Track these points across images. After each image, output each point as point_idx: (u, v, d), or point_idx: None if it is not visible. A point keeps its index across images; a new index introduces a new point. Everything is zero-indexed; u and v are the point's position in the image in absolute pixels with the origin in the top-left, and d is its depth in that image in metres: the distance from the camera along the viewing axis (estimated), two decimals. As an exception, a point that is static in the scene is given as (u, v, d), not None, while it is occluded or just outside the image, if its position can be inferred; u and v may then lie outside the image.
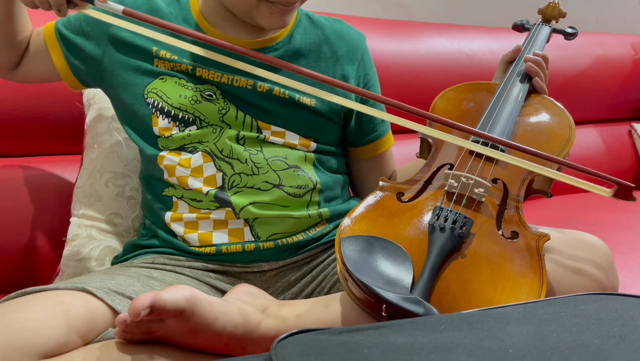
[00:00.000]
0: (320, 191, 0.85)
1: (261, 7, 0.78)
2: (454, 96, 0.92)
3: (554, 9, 1.12)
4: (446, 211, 0.69)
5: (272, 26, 0.82)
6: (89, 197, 0.98)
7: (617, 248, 0.89)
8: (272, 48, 0.86)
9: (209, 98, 0.82)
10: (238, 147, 0.82)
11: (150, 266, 0.80)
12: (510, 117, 0.83)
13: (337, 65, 0.90)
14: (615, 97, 1.84)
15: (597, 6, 2.10)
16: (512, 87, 0.90)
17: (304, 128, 0.86)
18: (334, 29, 0.92)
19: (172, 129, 0.82)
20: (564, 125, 0.85)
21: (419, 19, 1.73)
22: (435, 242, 0.65)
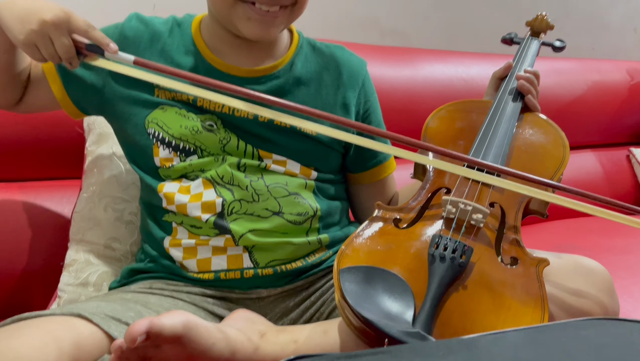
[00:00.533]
0: (320, 218, 0.85)
1: (238, 10, 0.78)
2: (446, 115, 0.91)
3: (542, 22, 1.11)
4: (445, 239, 0.67)
5: (252, 33, 0.80)
6: (87, 222, 0.98)
7: (617, 272, 0.88)
8: (273, 76, 0.86)
9: (209, 129, 0.82)
10: (239, 173, 0.81)
11: (148, 291, 0.79)
12: (505, 138, 0.83)
13: (339, 91, 0.90)
14: (612, 122, 1.86)
15: (593, 33, 2.13)
16: (505, 106, 0.89)
17: (305, 157, 0.86)
18: (335, 55, 0.92)
19: (173, 159, 0.82)
20: (558, 144, 0.85)
21: (416, 46, 1.75)
22: (436, 272, 0.64)
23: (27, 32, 0.70)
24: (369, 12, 1.66)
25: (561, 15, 2.03)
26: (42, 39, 0.71)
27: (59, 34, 0.70)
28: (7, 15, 0.72)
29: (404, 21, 1.73)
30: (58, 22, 0.70)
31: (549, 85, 1.70)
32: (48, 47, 0.71)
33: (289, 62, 0.88)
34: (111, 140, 1.02)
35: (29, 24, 0.70)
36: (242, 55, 0.85)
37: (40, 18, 0.69)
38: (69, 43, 0.72)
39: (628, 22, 2.20)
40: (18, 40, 0.71)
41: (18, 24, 0.71)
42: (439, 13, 1.78)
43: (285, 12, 0.80)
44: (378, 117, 0.96)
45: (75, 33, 0.72)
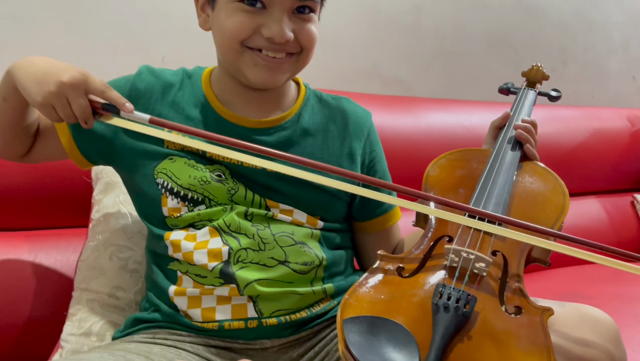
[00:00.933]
0: (326, 267, 0.85)
1: (245, 57, 0.80)
2: (446, 164, 0.92)
3: (538, 72, 1.14)
4: (449, 289, 0.67)
5: (258, 80, 0.82)
6: (92, 270, 0.98)
7: (624, 321, 0.87)
8: (281, 127, 0.88)
9: (218, 179, 0.83)
10: (246, 222, 0.82)
11: (151, 341, 0.79)
12: (505, 187, 0.84)
13: (345, 142, 0.92)
14: (615, 169, 1.87)
15: (592, 81, 2.17)
16: (504, 155, 0.91)
17: (312, 207, 0.86)
18: (341, 106, 0.95)
19: (181, 209, 0.83)
20: (557, 192, 0.85)
21: (418, 95, 1.78)
22: (440, 322, 0.63)
23: (45, 94, 0.71)
24: (371, 63, 1.71)
25: (559, 63, 2.08)
26: (60, 101, 0.72)
27: (76, 95, 0.72)
28: (23, 76, 0.74)
29: (405, 71, 1.77)
30: (75, 83, 0.71)
31: (551, 133, 1.72)
32: (65, 108, 0.72)
33: (296, 114, 0.90)
34: (118, 189, 1.03)
35: (47, 85, 0.71)
36: (251, 106, 0.87)
37: (58, 80, 0.71)
38: (86, 103, 0.73)
39: (627, 70, 2.24)
40: (35, 101, 0.72)
41: (35, 86, 0.72)
42: (440, 63, 1.83)
43: (292, 60, 0.83)
44: (383, 166, 0.98)
45: (91, 94, 0.74)
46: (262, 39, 0.79)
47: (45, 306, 1.02)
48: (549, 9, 2.00)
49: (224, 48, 0.82)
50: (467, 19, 1.85)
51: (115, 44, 1.35)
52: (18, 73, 0.75)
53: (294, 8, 0.79)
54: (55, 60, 0.76)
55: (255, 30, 0.78)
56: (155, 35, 1.38)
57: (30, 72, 0.73)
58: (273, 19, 0.78)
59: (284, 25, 0.78)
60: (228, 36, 0.79)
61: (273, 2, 0.77)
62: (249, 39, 0.79)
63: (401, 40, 1.75)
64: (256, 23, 0.78)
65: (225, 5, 0.79)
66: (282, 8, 0.78)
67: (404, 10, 1.73)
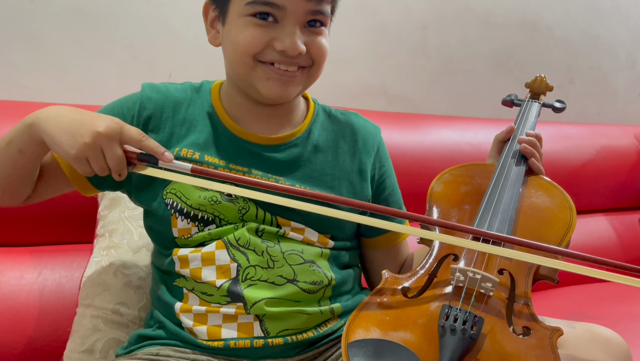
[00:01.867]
0: (334, 287, 0.84)
1: (258, 71, 0.80)
2: (451, 179, 0.91)
3: (542, 83, 1.13)
4: (455, 310, 0.66)
5: (271, 94, 0.81)
6: (96, 286, 0.97)
7: (635, 340, 0.86)
8: (291, 144, 0.87)
9: (229, 199, 0.82)
10: (256, 238, 0.81)
11: (155, 358, 0.78)
12: (510, 203, 0.82)
13: (355, 157, 0.91)
14: (623, 186, 1.86)
15: (599, 98, 2.17)
16: (509, 170, 0.89)
17: (323, 225, 0.85)
18: (350, 122, 0.94)
19: (192, 229, 0.82)
20: (564, 208, 0.84)
21: (423, 112, 1.79)
22: (447, 345, 0.62)
23: (80, 146, 0.68)
24: (376, 80, 1.71)
25: (566, 81, 2.08)
26: (95, 152, 0.68)
27: (111, 146, 0.68)
28: (53, 128, 0.70)
29: (411, 88, 1.77)
30: (111, 133, 0.68)
31: (558, 150, 1.72)
32: (99, 161, 0.69)
33: (306, 130, 0.89)
34: (123, 205, 1.03)
35: (81, 137, 0.67)
36: (261, 122, 0.87)
37: (93, 130, 0.67)
38: (121, 154, 0.70)
39: (633, 87, 2.24)
40: (69, 154, 0.69)
41: (68, 138, 0.68)
42: (445, 80, 1.83)
43: (303, 74, 0.83)
44: (393, 182, 0.97)
45: (127, 143, 0.71)
46: (275, 53, 0.78)
47: (49, 322, 1.01)
48: (555, 27, 2.01)
49: (235, 62, 0.81)
50: (472, 36, 1.86)
51: (122, 61, 1.36)
52: (45, 125, 0.70)
53: (305, 21, 0.79)
54: (83, 109, 0.73)
55: (267, 43, 0.78)
56: (162, 52, 1.39)
57: (61, 123, 0.70)
58: (285, 33, 0.77)
59: (296, 38, 0.77)
60: (240, 50, 0.79)
61: (285, 15, 0.77)
62: (262, 52, 0.79)
63: (407, 57, 1.75)
64: (268, 37, 0.78)
65: (236, 20, 0.79)
66: (294, 21, 0.78)
67: (410, 27, 1.74)
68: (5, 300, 1.01)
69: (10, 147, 0.76)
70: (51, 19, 1.28)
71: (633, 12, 2.17)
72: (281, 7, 0.76)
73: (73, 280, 1.05)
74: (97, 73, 1.33)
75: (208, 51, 0.90)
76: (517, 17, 1.93)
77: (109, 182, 0.84)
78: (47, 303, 1.02)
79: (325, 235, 0.86)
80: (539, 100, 1.10)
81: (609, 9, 2.11)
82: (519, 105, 1.10)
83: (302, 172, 0.86)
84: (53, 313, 1.02)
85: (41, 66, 1.29)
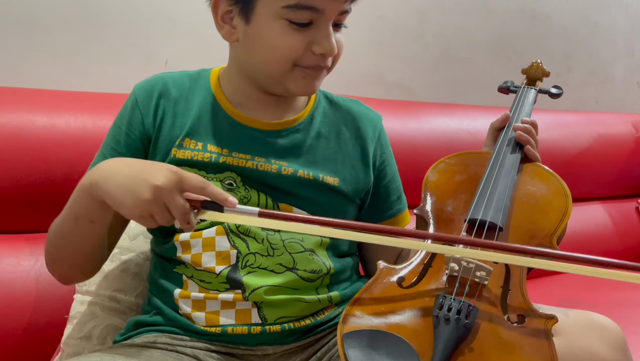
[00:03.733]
0: (332, 275, 0.84)
1: (294, 73, 0.80)
2: (445, 168, 0.91)
3: (538, 69, 1.11)
4: (449, 300, 0.66)
5: (303, 91, 0.84)
6: (93, 273, 0.97)
7: (630, 327, 0.87)
8: (294, 129, 0.87)
9: (229, 188, 0.82)
10: (256, 227, 0.81)
11: (152, 346, 0.78)
12: (505, 191, 0.82)
13: (357, 144, 0.92)
14: (619, 174, 1.86)
15: (596, 86, 2.16)
16: (504, 157, 0.89)
17: (325, 210, 0.85)
18: (352, 109, 0.95)
19: None
20: (560, 194, 0.84)
21: (420, 99, 1.78)
22: (441, 334, 0.62)
23: (142, 204, 0.64)
24: (374, 68, 1.70)
25: (564, 69, 2.07)
26: (158, 208, 0.65)
27: (174, 198, 0.65)
28: (112, 190, 0.67)
29: (409, 76, 1.77)
30: (172, 185, 0.65)
31: (555, 138, 1.72)
32: (164, 214, 0.66)
33: (308, 116, 0.90)
34: (120, 192, 1.03)
35: (141, 194, 0.64)
36: (265, 109, 0.86)
37: (153, 185, 0.64)
38: (185, 205, 0.66)
39: (631, 75, 2.23)
40: (133, 214, 0.66)
41: (129, 197, 0.65)
42: (443, 68, 1.82)
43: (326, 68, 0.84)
44: (393, 169, 0.97)
45: (189, 192, 0.67)
46: (313, 56, 0.79)
47: (46, 309, 1.01)
48: (554, 14, 2.00)
49: (271, 65, 0.80)
50: (470, 24, 1.85)
51: (118, 47, 1.35)
52: (105, 188, 0.68)
53: (336, 21, 0.80)
54: (134, 159, 0.70)
55: (306, 48, 0.78)
56: (158, 39, 1.38)
57: (118, 182, 0.67)
58: (322, 35, 0.78)
59: (332, 40, 0.79)
60: (279, 55, 0.78)
61: (321, 17, 0.77)
62: (301, 58, 0.79)
63: (405, 45, 1.74)
64: (307, 40, 0.78)
65: (270, 22, 0.77)
66: (328, 22, 0.78)
67: (408, 15, 1.73)
68: (1, 287, 1.01)
69: (80, 222, 0.74)
70: (47, 5, 1.27)
71: (631, 0, 2.16)
72: (320, 10, 0.76)
73: (70, 267, 1.05)
74: (93, 59, 1.32)
75: (204, 38, 0.90)
76: (516, 5, 1.91)
77: None
78: (44, 290, 1.02)
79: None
80: (536, 86, 1.09)
81: (608, -3, 2.10)
82: (515, 91, 1.09)
83: (305, 157, 0.86)
84: (50, 300, 1.02)
85: (37, 53, 1.27)
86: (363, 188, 0.90)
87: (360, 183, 0.89)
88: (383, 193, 0.94)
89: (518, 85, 1.11)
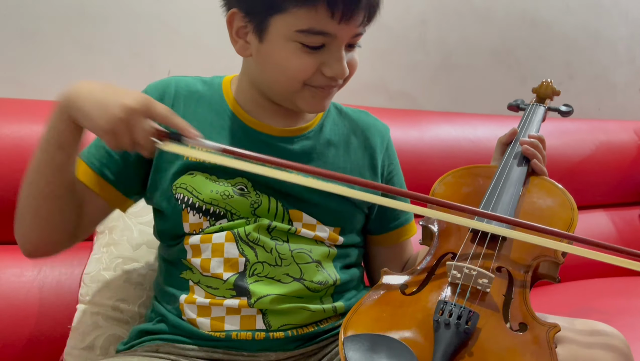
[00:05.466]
0: (338, 286, 0.85)
1: (304, 92, 0.81)
2: (452, 181, 0.92)
3: (547, 88, 1.13)
4: (450, 305, 0.66)
5: (312, 110, 0.85)
6: (96, 283, 0.98)
7: (634, 335, 0.86)
8: (304, 136, 0.88)
9: (240, 193, 0.82)
10: (265, 236, 0.81)
11: (155, 355, 0.78)
12: (511, 202, 0.83)
13: (366, 153, 0.93)
14: (623, 182, 1.86)
15: (598, 93, 2.16)
16: (511, 171, 0.90)
17: (334, 217, 0.86)
18: (361, 120, 0.96)
19: (203, 224, 0.82)
20: (565, 207, 0.84)
21: (423, 108, 1.78)
22: (441, 339, 0.63)
23: (109, 118, 0.67)
24: (376, 76, 1.71)
25: (565, 77, 2.07)
26: (124, 126, 0.68)
27: (140, 120, 0.68)
28: (83, 102, 0.69)
29: (411, 84, 1.77)
30: (140, 107, 0.68)
31: (557, 146, 1.72)
32: (128, 134, 0.68)
33: (318, 124, 0.91)
34: (123, 201, 1.03)
35: (110, 109, 0.67)
36: (277, 117, 0.87)
37: (123, 103, 0.67)
38: (150, 129, 0.69)
39: (633, 82, 2.23)
40: (98, 126, 0.68)
41: (98, 110, 0.68)
42: (445, 76, 1.83)
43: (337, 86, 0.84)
44: (400, 179, 0.99)
45: (155, 119, 0.70)
46: (323, 78, 0.79)
47: (49, 319, 1.01)
48: (554, 22, 2.00)
49: (280, 83, 0.81)
50: (472, 32, 1.85)
51: (121, 57, 1.36)
52: (75, 99, 0.70)
53: (349, 44, 0.80)
54: (113, 84, 0.72)
55: (317, 69, 0.79)
56: (161, 48, 1.39)
57: (91, 96, 0.69)
58: (334, 58, 0.78)
59: (344, 63, 0.79)
60: (289, 76, 0.79)
61: (334, 41, 0.77)
62: (311, 78, 0.79)
63: (407, 54, 1.75)
64: (318, 62, 0.78)
65: (282, 43, 0.77)
66: (340, 45, 0.78)
67: (409, 24, 1.74)
68: (5, 297, 1.01)
69: (49, 150, 0.74)
70: (49, 15, 1.28)
71: (632, 7, 2.16)
72: (333, 35, 0.77)
73: (73, 277, 1.05)
74: (95, 70, 1.33)
75: (207, 48, 0.90)
76: (516, 13, 1.92)
77: (134, 184, 0.85)
78: (47, 300, 1.02)
79: (335, 228, 0.86)
80: (545, 104, 1.11)
81: (609, 4, 2.11)
82: (524, 109, 1.10)
83: (315, 164, 0.87)
84: (53, 310, 1.02)
85: (39, 63, 1.28)
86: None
87: (368, 192, 0.89)
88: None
89: (527, 104, 1.12)
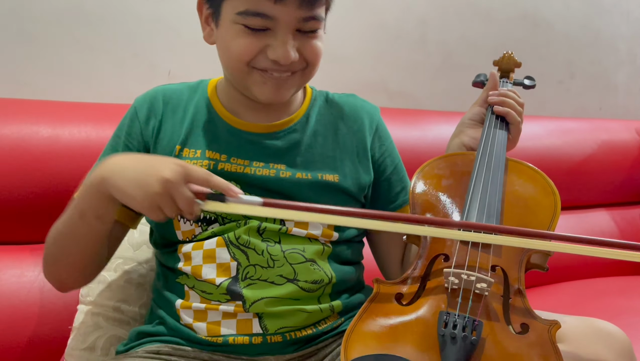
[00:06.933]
0: (334, 285, 0.84)
1: (254, 76, 0.80)
2: (430, 172, 0.88)
3: (510, 60, 1.08)
4: (454, 316, 0.64)
5: (267, 98, 0.81)
6: (97, 283, 0.97)
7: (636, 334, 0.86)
8: (290, 129, 0.87)
9: None
10: (256, 238, 0.81)
11: (155, 356, 0.78)
12: (496, 195, 0.79)
13: (355, 137, 0.91)
14: (624, 181, 1.85)
15: (600, 93, 2.16)
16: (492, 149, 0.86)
17: None
18: (348, 103, 0.94)
19: (195, 230, 0.82)
20: (547, 193, 0.82)
21: (424, 108, 1.78)
22: (449, 354, 0.61)
23: (151, 196, 0.67)
24: (377, 76, 1.71)
25: (567, 76, 2.07)
26: (166, 200, 0.67)
27: (180, 190, 0.67)
28: (121, 183, 0.69)
29: (411, 84, 1.77)
30: (179, 177, 0.67)
31: (559, 145, 1.71)
32: (172, 206, 0.68)
33: (304, 115, 0.90)
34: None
35: (150, 186, 0.67)
36: (259, 114, 0.87)
37: (161, 177, 0.66)
38: (191, 196, 0.68)
39: (634, 82, 2.23)
40: (142, 206, 0.68)
41: (137, 189, 0.67)
42: (446, 76, 1.82)
43: (297, 75, 0.82)
44: (395, 160, 0.96)
45: (194, 183, 0.69)
46: (268, 60, 0.78)
47: (50, 320, 1.01)
48: (555, 21, 2.00)
49: (230, 68, 0.82)
50: (472, 31, 1.85)
51: (121, 58, 1.36)
52: (113, 181, 0.69)
53: (298, 28, 0.78)
54: (140, 154, 0.72)
55: (260, 50, 0.78)
56: (161, 49, 1.39)
57: (127, 176, 0.69)
58: (278, 42, 0.77)
59: (288, 48, 0.77)
60: (234, 58, 0.79)
61: (277, 24, 0.76)
62: (255, 59, 0.79)
63: (407, 53, 1.75)
64: (261, 44, 0.77)
65: (229, 26, 0.78)
66: (286, 30, 0.77)
67: (410, 23, 1.74)
68: (5, 298, 1.01)
69: (86, 219, 0.74)
70: (49, 16, 1.28)
71: (633, 6, 2.16)
72: (272, 17, 0.76)
73: (73, 277, 1.05)
74: (96, 70, 1.33)
75: (208, 49, 0.90)
76: (517, 12, 1.92)
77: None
78: (47, 300, 1.02)
79: (329, 225, 0.85)
80: (509, 78, 1.07)
81: (609, 3, 2.10)
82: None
83: (303, 157, 0.86)
84: (54, 310, 1.02)
85: (40, 63, 1.28)
86: (365, 183, 0.89)
87: (361, 178, 0.89)
88: (385, 185, 0.93)
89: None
